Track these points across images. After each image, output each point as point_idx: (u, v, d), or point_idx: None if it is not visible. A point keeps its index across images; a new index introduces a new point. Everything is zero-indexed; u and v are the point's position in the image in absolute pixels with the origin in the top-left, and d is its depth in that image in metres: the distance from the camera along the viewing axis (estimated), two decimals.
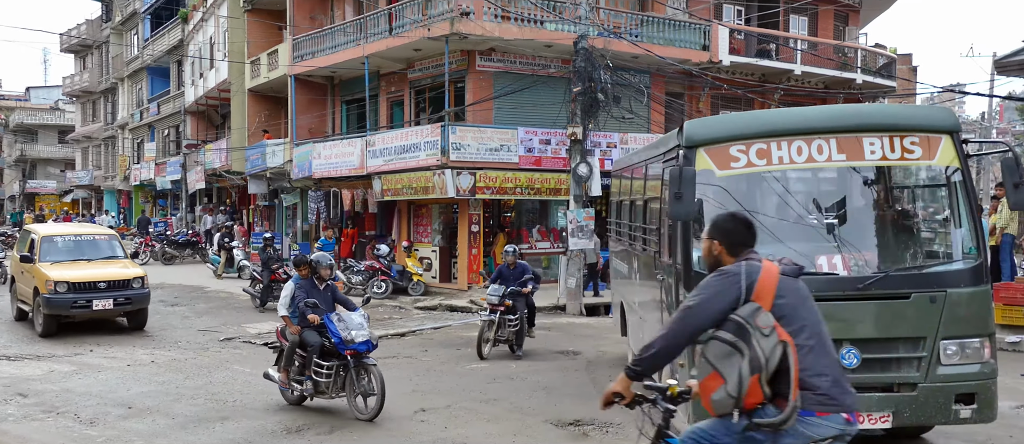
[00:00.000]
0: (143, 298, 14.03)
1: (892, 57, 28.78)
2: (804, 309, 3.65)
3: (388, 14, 21.38)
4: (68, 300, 13.33)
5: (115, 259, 14.69)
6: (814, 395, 3.55)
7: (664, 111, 22.33)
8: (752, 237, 3.82)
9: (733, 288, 3.63)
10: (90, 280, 13.57)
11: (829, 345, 3.67)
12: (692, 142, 6.54)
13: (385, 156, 20.81)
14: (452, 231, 21.24)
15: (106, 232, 16.09)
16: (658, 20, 21.79)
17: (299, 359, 8.66)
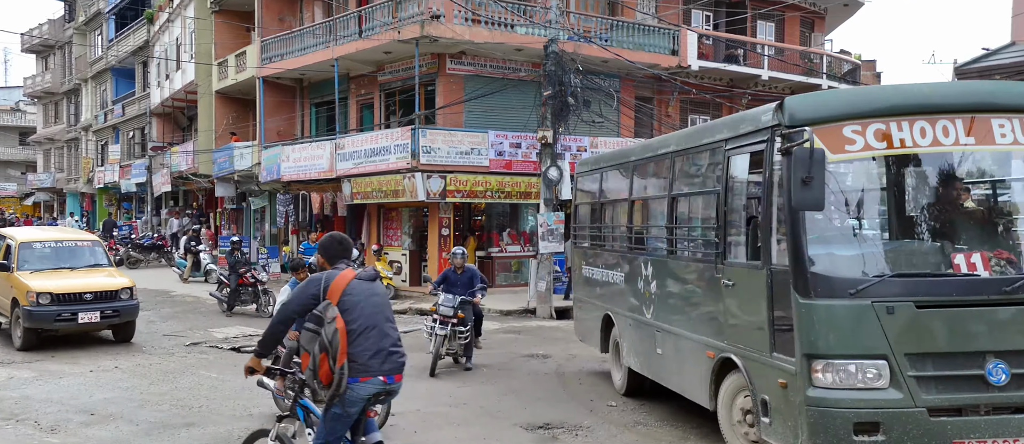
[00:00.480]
0: (132, 310, 13.05)
1: (857, 63, 29.27)
2: (365, 304, 4.82)
3: (358, 16, 21.28)
4: (51, 313, 12.33)
5: (99, 267, 13.65)
6: (357, 365, 4.75)
7: (634, 115, 22.48)
8: (345, 251, 5.12)
9: (314, 287, 4.86)
10: (75, 291, 12.56)
11: (380, 328, 4.85)
12: (797, 121, 5.63)
13: (355, 159, 20.69)
14: (422, 234, 21.18)
15: (88, 238, 15.03)
16: (628, 25, 21.94)
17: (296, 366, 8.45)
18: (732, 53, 24.38)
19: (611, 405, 8.94)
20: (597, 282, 10.09)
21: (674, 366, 7.87)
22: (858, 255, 5.72)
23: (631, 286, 8.86)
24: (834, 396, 5.39)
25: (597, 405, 8.97)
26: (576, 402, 9.16)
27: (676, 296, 7.81)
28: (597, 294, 10.09)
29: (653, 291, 8.22)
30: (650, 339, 8.33)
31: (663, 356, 8.08)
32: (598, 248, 10.23)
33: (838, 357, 5.39)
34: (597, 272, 10.09)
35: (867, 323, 5.35)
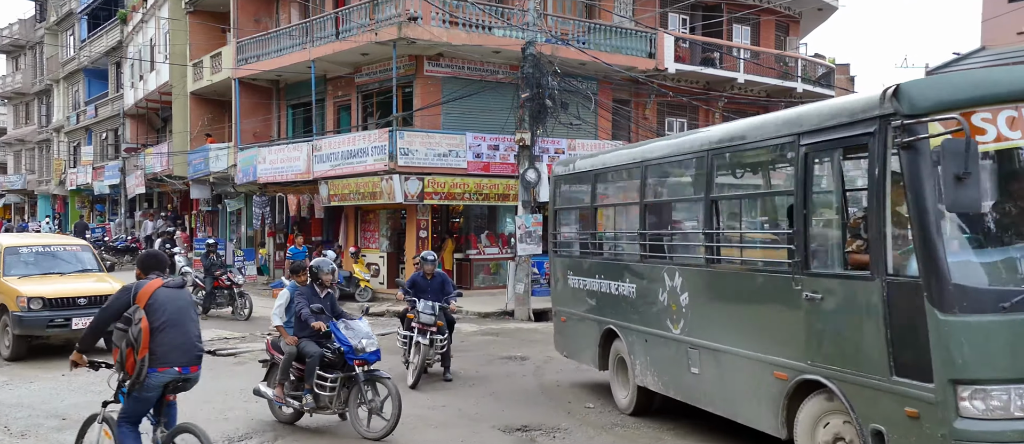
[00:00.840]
0: None
1: (831, 67, 29.62)
2: (169, 307, 5.60)
3: (335, 18, 21.19)
4: (43, 319, 11.74)
5: (89, 272, 13.09)
6: (157, 358, 5.51)
7: (611, 118, 22.58)
8: (158, 264, 5.94)
9: (125, 295, 5.64)
10: (68, 295, 12.01)
11: (181, 327, 5.62)
12: (920, 109, 4.93)
13: (332, 161, 20.58)
14: (400, 237, 21.11)
15: (77, 242, 14.51)
16: (605, 28, 22.04)
17: (295, 373, 7.96)
18: (708, 56, 24.57)
19: (588, 407, 8.97)
20: (592, 294, 9.21)
21: (718, 387, 7.01)
22: (1006, 262, 5.03)
23: (648, 298, 8.01)
24: (988, 428, 4.67)
25: (574, 407, 9.00)
26: (554, 404, 9.17)
27: (723, 310, 6.97)
28: (593, 307, 9.22)
29: (684, 304, 7.39)
30: (679, 357, 7.50)
31: (701, 376, 7.22)
32: (593, 257, 9.43)
33: (992, 382, 4.69)
34: (593, 283, 9.23)
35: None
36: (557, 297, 10.32)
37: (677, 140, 8.62)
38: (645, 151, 8.55)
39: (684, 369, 7.44)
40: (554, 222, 10.37)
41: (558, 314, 10.26)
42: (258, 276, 24.75)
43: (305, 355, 7.85)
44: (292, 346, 7.95)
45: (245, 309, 16.81)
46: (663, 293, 7.72)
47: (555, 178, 10.50)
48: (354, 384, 7.74)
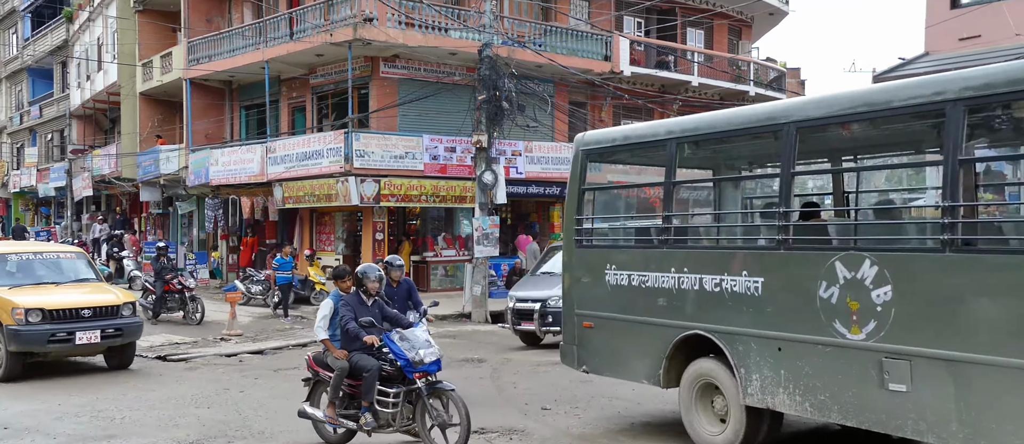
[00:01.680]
0: (135, 329, 11.38)
1: (782, 71, 30.18)
2: None
3: (289, 18, 20.95)
4: (43, 333, 10.48)
5: (86, 281, 11.91)
6: None
7: (568, 120, 22.70)
8: None
9: None
10: (71, 307, 10.81)
11: None
12: None
13: (287, 163, 20.34)
14: (356, 239, 20.94)
15: (72, 250, 13.24)
16: (561, 30, 22.15)
17: (348, 389, 7.24)
18: (663, 59, 24.85)
19: (545, 409, 8.99)
20: (658, 291, 7.40)
21: (949, 408, 5.46)
22: None
23: (791, 296, 6.44)
24: None
25: (531, 409, 9.01)
26: (511, 406, 9.17)
27: (967, 308, 5.44)
28: (658, 307, 7.39)
29: (880, 302, 5.81)
30: (860, 370, 5.95)
31: (911, 395, 5.66)
32: (666, 245, 7.49)
33: None
34: (661, 278, 7.36)
35: None
36: (579, 298, 8.32)
37: (879, 88, 6.68)
38: (792, 108, 6.82)
39: (871, 386, 5.88)
40: (578, 206, 8.39)
41: (579, 319, 8.27)
42: (210, 279, 24.32)
43: (361, 370, 7.08)
44: (343, 361, 7.17)
45: (197, 313, 16.50)
46: (829, 288, 6.14)
47: (584, 153, 8.48)
48: (419, 398, 6.97)
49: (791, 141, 6.45)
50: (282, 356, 13.01)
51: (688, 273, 7.16)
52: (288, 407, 8.94)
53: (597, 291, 8.08)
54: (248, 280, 20.06)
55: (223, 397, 9.66)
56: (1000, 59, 11.50)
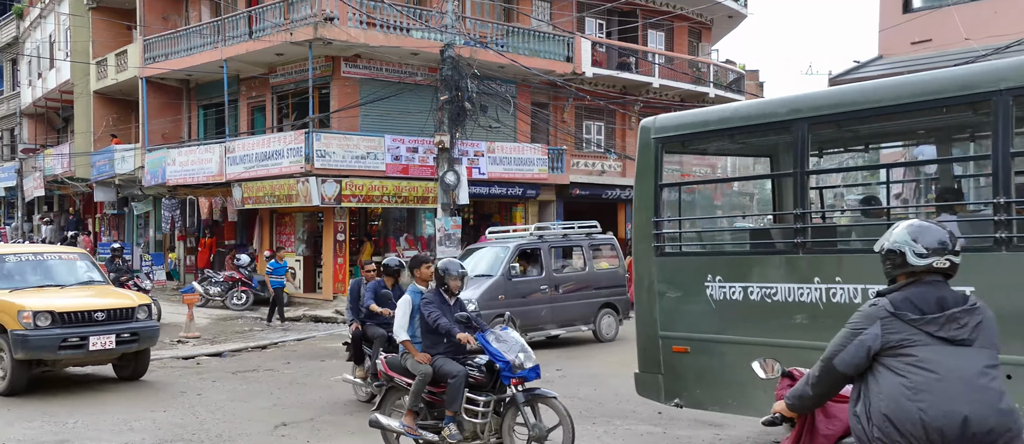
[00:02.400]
0: (152, 333, 10.48)
1: (741, 73, 30.62)
2: None
3: (248, 17, 20.69)
4: (54, 338, 9.52)
5: (92, 284, 11.02)
6: None
7: (530, 120, 22.76)
8: None
9: None
10: (83, 309, 9.89)
11: None
12: None
13: (246, 163, 20.09)
14: (317, 240, 20.76)
15: (74, 251, 12.48)
16: (523, 31, 22.20)
17: (428, 397, 6.56)
18: (624, 61, 25.04)
19: None
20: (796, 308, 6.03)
21: None
22: None
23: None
24: None
25: None
26: None
27: None
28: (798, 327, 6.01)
29: None
30: None
31: None
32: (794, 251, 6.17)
33: None
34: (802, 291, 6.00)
35: None
36: (665, 317, 6.86)
37: None
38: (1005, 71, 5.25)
39: None
40: (656, 205, 6.92)
41: (665, 342, 6.84)
42: (168, 281, 23.92)
43: (446, 376, 6.36)
44: (427, 366, 6.46)
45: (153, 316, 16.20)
46: None
47: (659, 141, 6.99)
48: (510, 407, 6.35)
49: (1004, 111, 5.08)
50: (241, 358, 12.85)
51: (842, 283, 5.76)
52: (246, 410, 8.81)
53: (693, 308, 6.71)
54: (206, 281, 19.77)
55: (180, 400, 9.50)
56: (949, 63, 11.82)
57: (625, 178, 25.75)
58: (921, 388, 3.00)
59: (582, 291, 13.61)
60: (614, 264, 14.59)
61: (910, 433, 2.98)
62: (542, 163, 22.38)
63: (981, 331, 3.10)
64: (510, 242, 13.38)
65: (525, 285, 12.96)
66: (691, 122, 7.21)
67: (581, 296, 13.59)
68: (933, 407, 2.97)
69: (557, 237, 14.00)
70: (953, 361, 3.04)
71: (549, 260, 13.35)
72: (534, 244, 13.38)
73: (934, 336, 3.07)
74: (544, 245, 13.39)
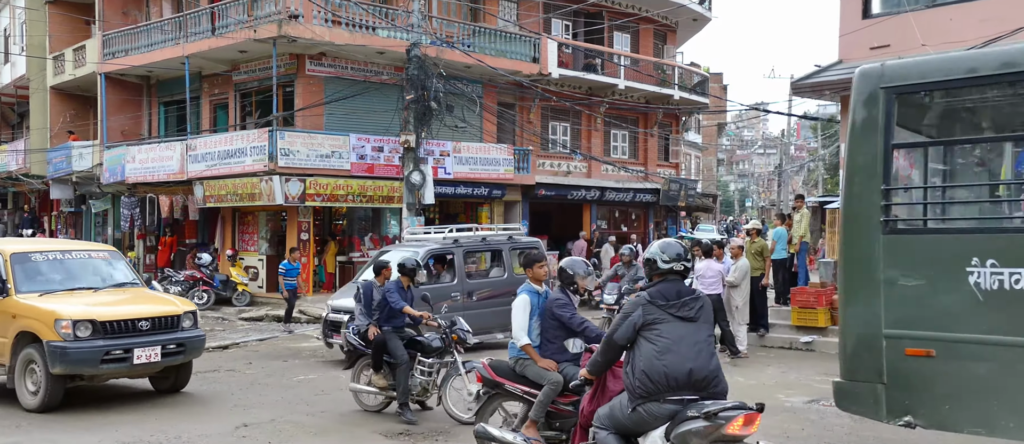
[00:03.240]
0: (199, 344, 9.57)
1: (705, 76, 30.95)
2: None
3: (211, 13, 20.40)
4: (96, 351, 8.53)
5: (126, 286, 9.96)
6: None
7: (496, 121, 22.77)
8: None
9: None
10: (127, 317, 8.89)
11: None
12: None
13: (208, 161, 19.82)
14: (280, 239, 20.55)
15: (104, 248, 11.04)
16: (490, 31, 22.21)
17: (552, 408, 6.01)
18: (590, 62, 25.18)
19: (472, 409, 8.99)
20: None
21: None
22: None
23: None
24: None
25: None
26: (436, 410, 9.14)
27: None
28: None
29: None
30: None
31: None
32: None
33: None
34: None
35: None
36: (895, 311, 5.59)
37: None
38: None
39: None
40: (886, 171, 5.67)
41: (895, 343, 5.57)
42: None
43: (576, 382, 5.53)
44: (557, 374, 5.90)
45: None
46: None
47: (890, 92, 5.72)
48: None
49: None
50: (202, 359, 12.64)
51: None
52: (207, 411, 8.69)
53: (945, 300, 5.46)
54: (166, 281, 19.43)
55: (138, 401, 9.34)
56: None
57: (590, 179, 25.90)
58: (665, 350, 4.47)
59: (501, 298, 12.26)
60: None
61: (657, 381, 4.45)
62: (508, 163, 22.41)
63: (703, 312, 4.64)
64: (421, 246, 12.51)
65: (436, 292, 11.67)
66: (943, 68, 5.72)
67: (499, 303, 12.09)
68: (671, 363, 4.45)
69: (475, 241, 13.18)
70: (684, 332, 4.53)
71: (462, 265, 12.60)
72: (447, 248, 12.61)
73: (674, 316, 4.56)
74: (458, 249, 12.61)
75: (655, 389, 4.44)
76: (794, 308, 12.99)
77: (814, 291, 13.02)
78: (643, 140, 27.80)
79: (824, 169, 43.23)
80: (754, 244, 13.07)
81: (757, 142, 74.54)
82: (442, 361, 8.30)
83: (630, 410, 4.55)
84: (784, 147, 51.65)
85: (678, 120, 29.95)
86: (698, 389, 4.45)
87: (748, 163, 78.25)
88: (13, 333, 8.86)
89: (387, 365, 8.40)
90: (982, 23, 11.52)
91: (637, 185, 26.97)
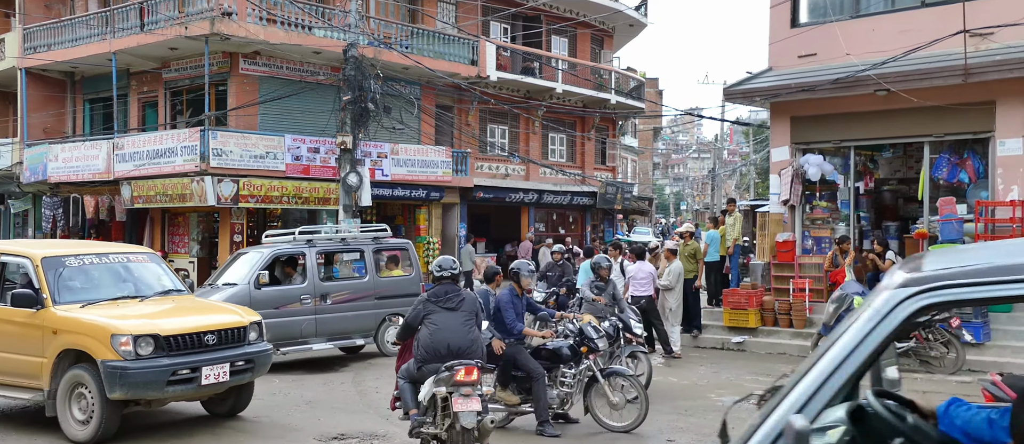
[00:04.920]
0: (266, 359, 8.40)
1: (641, 81, 31.45)
2: None
3: (139, 8, 19.81)
4: (162, 371, 7.34)
5: (172, 294, 8.80)
6: None
7: (434, 123, 22.70)
8: None
9: None
10: (192, 331, 7.70)
11: None
12: None
13: (136, 160, 19.25)
14: (212, 241, 20.09)
15: (141, 250, 9.77)
16: (428, 33, 22.13)
17: None
18: (528, 65, 25.32)
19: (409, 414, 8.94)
20: None
21: None
22: None
23: None
24: None
25: (394, 414, 8.93)
26: (372, 412, 9.07)
27: None
28: None
29: None
30: None
31: None
32: None
33: None
34: None
35: None
36: None
37: None
38: None
39: None
40: None
41: None
42: None
43: None
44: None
45: None
46: None
47: None
48: None
49: None
50: None
51: None
52: (130, 426, 8.47)
53: None
54: None
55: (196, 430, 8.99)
56: (834, 74, 12.49)
57: (528, 181, 26.04)
58: (434, 332, 6.59)
59: (360, 301, 12.01)
60: (408, 272, 12.94)
61: (430, 351, 6.55)
62: (446, 165, 22.36)
63: (463, 303, 6.74)
64: (268, 248, 11.92)
65: (280, 295, 11.39)
66: None
67: (359, 306, 11.98)
68: (438, 340, 6.56)
69: (332, 241, 12.55)
70: (449, 318, 6.65)
71: (315, 267, 11.84)
72: (297, 249, 11.92)
73: (442, 307, 6.69)
74: (310, 250, 11.85)
75: (429, 357, 6.55)
76: (726, 309, 13.30)
77: (745, 292, 13.34)
78: (580, 143, 28.08)
79: (755, 173, 44.34)
80: (687, 247, 13.33)
81: (692, 146, 76.02)
82: (579, 370, 7.99)
83: (416, 369, 6.71)
84: (717, 152, 52.80)
85: (615, 124, 30.34)
86: (456, 356, 6.46)
87: (683, 167, 79.71)
88: (55, 352, 7.54)
89: (514, 379, 7.84)
90: (902, 34, 12.01)
91: (574, 188, 27.22)
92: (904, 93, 11.73)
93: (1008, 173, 11.67)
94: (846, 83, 12.19)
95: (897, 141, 13.52)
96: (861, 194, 14.01)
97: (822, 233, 13.50)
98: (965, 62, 11.03)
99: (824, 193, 13.60)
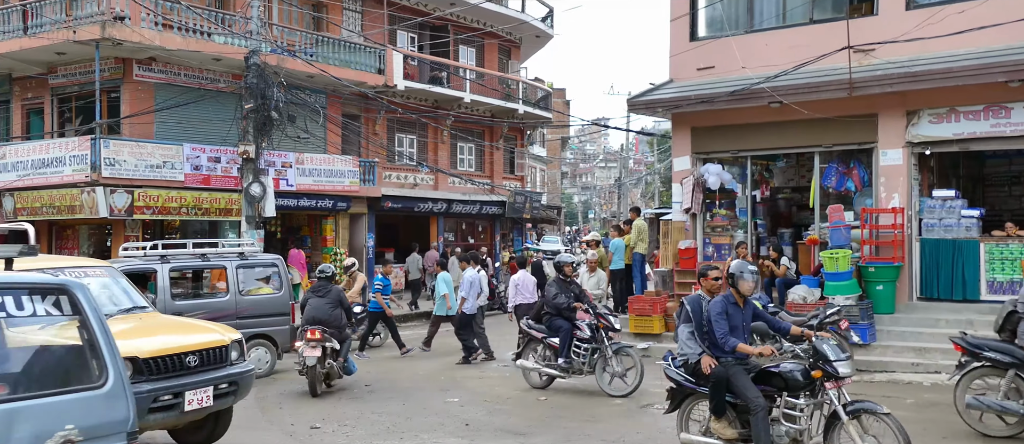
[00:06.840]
0: (249, 381, 7.80)
1: (549, 91, 31.84)
2: None
3: (23, 10, 18.77)
4: (143, 397, 6.55)
5: (139, 311, 8.10)
6: None
7: (341, 132, 22.36)
8: None
9: None
10: (174, 351, 7.10)
11: None
12: None
13: (19, 170, 18.21)
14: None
15: (99, 264, 9.02)
16: (334, 41, 21.80)
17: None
18: (436, 75, 25.27)
19: (315, 428, 8.75)
20: None
21: None
22: None
23: None
24: None
25: (298, 429, 8.72)
26: (276, 428, 8.83)
27: None
28: None
29: None
30: None
31: None
32: None
33: None
34: None
35: None
36: None
37: None
38: None
39: None
40: None
41: None
42: None
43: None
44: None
45: None
46: None
47: None
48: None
49: None
50: None
51: None
52: None
53: None
54: None
55: None
56: (730, 87, 12.96)
57: (437, 191, 25.94)
58: (309, 309, 10.48)
59: (222, 320, 10.38)
60: (277, 290, 12.14)
61: (306, 320, 10.41)
62: (353, 175, 22.05)
63: (329, 294, 10.54)
64: (118, 263, 10.81)
65: None
66: None
67: None
68: (309, 315, 10.43)
69: (191, 257, 11.74)
70: (318, 302, 10.47)
71: (167, 285, 11.08)
72: (148, 267, 11.04)
73: (317, 296, 10.56)
74: (163, 267, 11.09)
75: (304, 323, 10.34)
76: (631, 316, 13.56)
77: (650, 299, 13.65)
78: (489, 153, 28.19)
79: (660, 182, 45.50)
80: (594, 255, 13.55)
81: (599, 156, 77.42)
82: (816, 400, 6.22)
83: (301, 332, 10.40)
84: (624, 161, 53.96)
85: (523, 134, 30.60)
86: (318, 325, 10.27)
87: (591, 176, 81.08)
88: None
89: (730, 406, 6.38)
90: (792, 49, 12.58)
91: (483, 197, 27.28)
92: (795, 105, 12.28)
93: (890, 182, 12.37)
94: (742, 95, 12.67)
95: (790, 151, 14.14)
96: (758, 202, 14.57)
97: (722, 240, 13.96)
98: (850, 76, 11.64)
99: (723, 201, 14.07)
